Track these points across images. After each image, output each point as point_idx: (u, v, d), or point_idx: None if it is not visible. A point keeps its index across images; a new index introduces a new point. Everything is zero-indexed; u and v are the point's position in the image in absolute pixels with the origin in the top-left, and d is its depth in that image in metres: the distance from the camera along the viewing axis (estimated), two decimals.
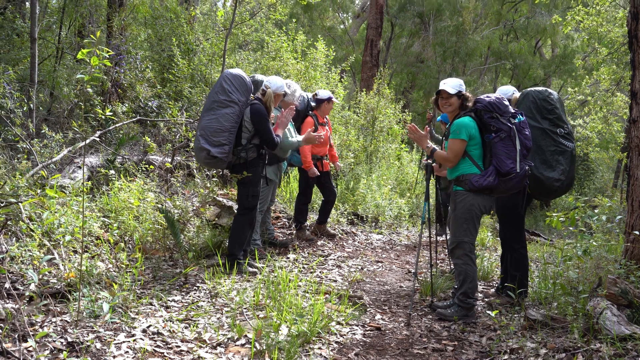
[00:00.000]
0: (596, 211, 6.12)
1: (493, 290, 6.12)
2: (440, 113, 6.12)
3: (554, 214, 5.34)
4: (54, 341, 3.58)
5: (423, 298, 5.73)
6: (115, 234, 5.72)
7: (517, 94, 5.70)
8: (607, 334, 4.14)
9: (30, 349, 3.41)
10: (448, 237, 5.50)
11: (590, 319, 4.40)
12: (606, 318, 4.27)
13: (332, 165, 8.17)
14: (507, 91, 5.72)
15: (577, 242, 5.65)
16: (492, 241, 9.33)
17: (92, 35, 4.37)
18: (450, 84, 5.07)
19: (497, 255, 8.31)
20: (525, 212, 5.56)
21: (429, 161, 5.46)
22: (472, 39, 23.70)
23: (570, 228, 5.48)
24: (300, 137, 6.45)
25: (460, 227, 5.01)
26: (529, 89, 5.63)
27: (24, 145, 7.30)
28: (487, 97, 4.96)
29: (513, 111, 4.91)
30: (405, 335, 4.64)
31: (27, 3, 12.16)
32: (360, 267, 6.95)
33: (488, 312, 5.24)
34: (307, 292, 5.12)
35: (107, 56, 3.92)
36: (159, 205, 6.46)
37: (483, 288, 6.28)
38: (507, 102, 4.94)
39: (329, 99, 7.48)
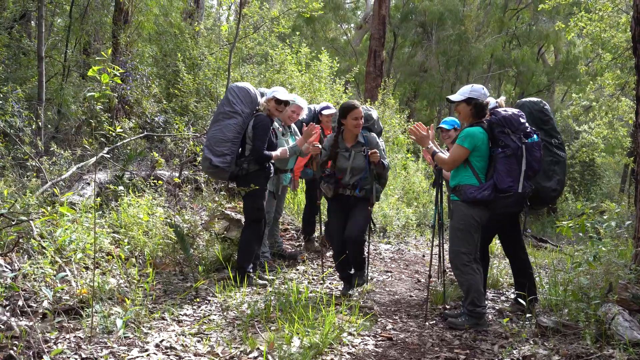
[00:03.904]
0: (605, 217, 6.12)
1: (503, 297, 6.11)
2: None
3: (563, 222, 5.34)
4: (69, 358, 3.60)
5: (433, 307, 5.73)
6: (126, 250, 5.76)
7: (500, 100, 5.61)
8: (619, 339, 4.14)
9: None
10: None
11: (602, 324, 4.40)
12: (618, 324, 4.27)
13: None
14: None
15: (587, 248, 5.65)
16: (502, 249, 9.31)
17: (102, 53, 4.41)
18: (459, 92, 5.10)
19: (506, 262, 8.30)
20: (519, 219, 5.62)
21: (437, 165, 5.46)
22: (475, 47, 23.75)
23: (580, 234, 5.48)
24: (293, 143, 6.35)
25: (457, 237, 5.02)
26: (524, 100, 5.67)
27: (33, 163, 7.36)
28: (504, 110, 4.95)
29: (529, 130, 4.90)
30: (417, 344, 4.64)
31: (33, 22, 12.27)
32: (369, 278, 6.95)
33: (499, 319, 5.25)
34: (318, 304, 5.13)
35: (117, 74, 3.97)
36: (168, 220, 6.49)
37: (493, 296, 6.28)
38: (523, 120, 4.93)
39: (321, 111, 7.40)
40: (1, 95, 7.94)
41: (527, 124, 4.93)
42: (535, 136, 4.88)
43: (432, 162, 5.63)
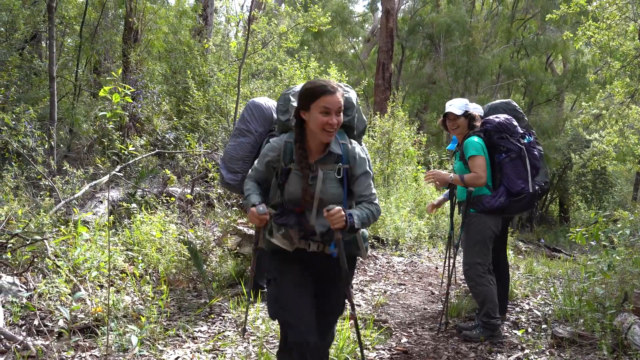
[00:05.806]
0: (618, 225, 6.09)
1: (518, 308, 6.07)
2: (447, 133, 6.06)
3: (577, 229, 5.33)
4: None
5: (447, 320, 5.70)
6: (140, 267, 5.78)
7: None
8: (636, 349, 4.11)
9: None
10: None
11: (618, 334, 4.37)
12: (634, 333, 4.24)
13: None
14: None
15: (601, 258, 5.62)
16: (515, 259, 9.28)
17: (112, 72, 4.46)
18: (457, 105, 5.13)
19: (519, 273, 8.27)
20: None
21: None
22: (483, 58, 23.75)
23: (592, 243, 5.46)
24: None
25: (473, 249, 5.01)
26: (495, 102, 5.56)
27: (47, 183, 7.43)
28: (496, 117, 5.04)
29: (522, 132, 5.01)
30: (432, 357, 4.62)
31: (43, 42, 12.41)
32: (383, 291, 6.94)
33: (514, 331, 5.22)
34: None
35: (128, 92, 4.01)
36: (181, 237, 6.52)
37: (508, 307, 6.24)
38: (515, 123, 5.01)
39: None
40: (14, 116, 8.02)
41: (518, 127, 5.01)
42: (529, 136, 5.00)
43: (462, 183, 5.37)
